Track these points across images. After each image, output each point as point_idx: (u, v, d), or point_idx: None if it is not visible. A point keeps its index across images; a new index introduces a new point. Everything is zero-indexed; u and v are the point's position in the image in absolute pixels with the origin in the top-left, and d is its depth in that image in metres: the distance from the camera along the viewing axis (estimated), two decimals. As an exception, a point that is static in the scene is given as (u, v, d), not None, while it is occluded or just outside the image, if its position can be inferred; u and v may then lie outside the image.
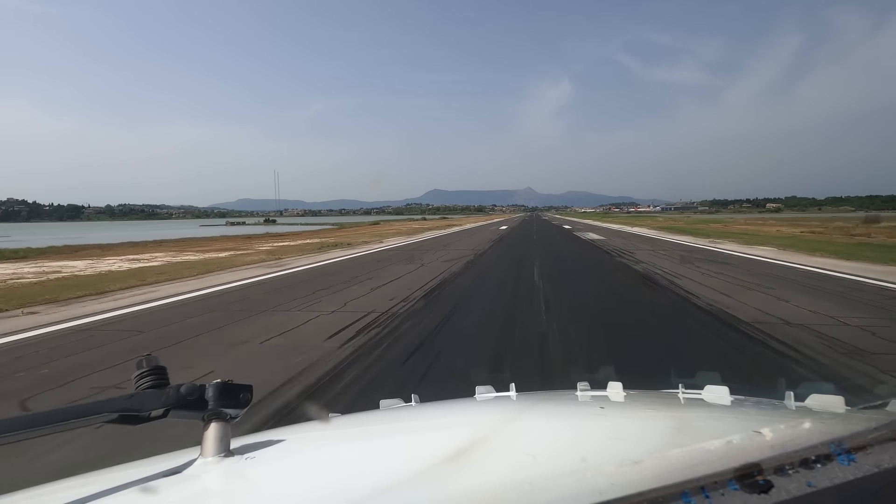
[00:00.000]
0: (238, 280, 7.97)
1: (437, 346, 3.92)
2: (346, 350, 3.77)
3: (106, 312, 5.38)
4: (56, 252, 15.85)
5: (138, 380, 0.61)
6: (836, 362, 3.36)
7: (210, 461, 0.62)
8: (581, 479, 0.50)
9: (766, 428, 0.55)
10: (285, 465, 0.64)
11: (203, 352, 3.87)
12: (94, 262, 12.10)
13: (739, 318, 4.73)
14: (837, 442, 0.50)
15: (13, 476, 1.92)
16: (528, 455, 0.57)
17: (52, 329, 4.63)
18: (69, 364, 3.55)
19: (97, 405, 0.56)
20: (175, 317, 5.15)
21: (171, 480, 0.59)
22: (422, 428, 0.83)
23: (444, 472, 0.55)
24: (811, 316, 4.79)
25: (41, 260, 12.94)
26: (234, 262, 10.94)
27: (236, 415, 0.64)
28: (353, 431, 0.85)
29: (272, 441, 0.71)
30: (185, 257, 13.06)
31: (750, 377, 3.14)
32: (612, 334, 4.43)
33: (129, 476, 0.61)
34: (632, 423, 0.75)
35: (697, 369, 2.17)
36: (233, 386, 0.62)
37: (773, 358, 3.51)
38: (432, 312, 5.19)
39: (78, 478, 0.67)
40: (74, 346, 4.03)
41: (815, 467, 0.48)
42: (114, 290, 7.01)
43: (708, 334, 4.23)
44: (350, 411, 0.98)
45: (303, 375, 3.20)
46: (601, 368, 3.07)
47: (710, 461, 0.49)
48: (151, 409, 0.58)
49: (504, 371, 3.36)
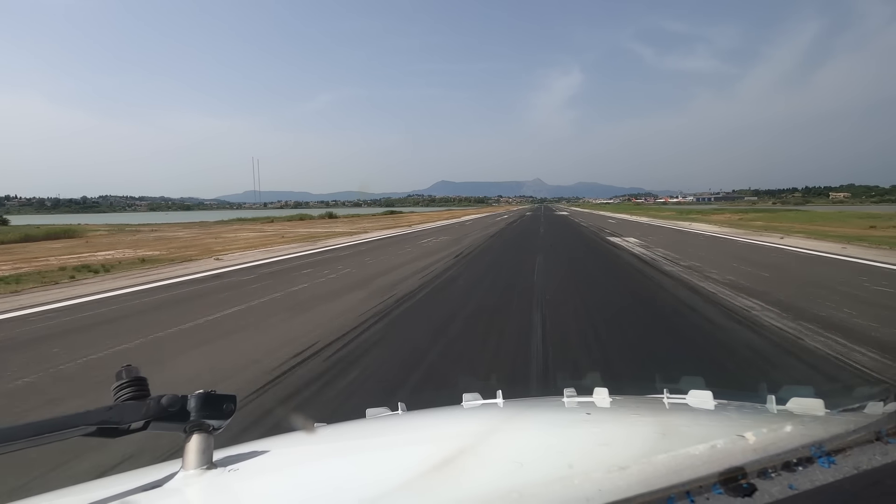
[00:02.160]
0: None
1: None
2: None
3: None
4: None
5: (117, 391, 0.60)
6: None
7: (192, 474, 0.60)
8: (569, 486, 0.50)
9: (750, 432, 0.55)
10: (269, 478, 0.63)
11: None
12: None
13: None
14: (818, 445, 0.51)
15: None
16: (516, 462, 0.57)
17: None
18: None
19: (74, 418, 0.54)
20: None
21: (151, 495, 0.58)
22: (408, 437, 0.83)
23: (432, 481, 0.54)
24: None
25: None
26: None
27: (219, 426, 0.62)
28: (339, 441, 0.84)
29: (256, 452, 0.69)
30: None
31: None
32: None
33: (108, 490, 0.59)
34: (618, 428, 0.76)
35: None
36: (216, 396, 0.61)
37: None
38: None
39: (55, 492, 0.64)
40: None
41: (797, 470, 0.48)
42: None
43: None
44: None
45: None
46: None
47: (696, 466, 0.49)
48: (131, 421, 0.56)
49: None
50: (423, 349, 3.73)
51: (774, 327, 4.09)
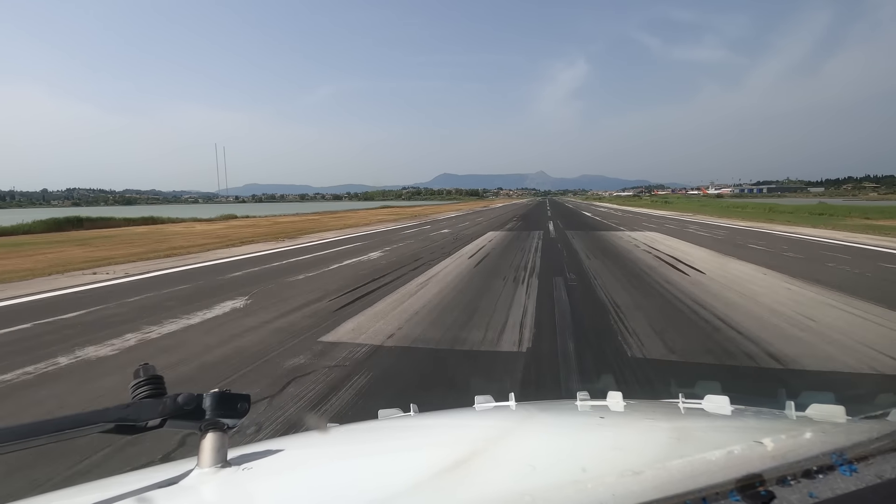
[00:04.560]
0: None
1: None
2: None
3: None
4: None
5: (135, 389, 0.61)
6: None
7: (207, 472, 0.61)
8: (581, 490, 0.49)
9: (768, 438, 0.54)
10: (283, 477, 0.64)
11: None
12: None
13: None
14: (839, 452, 0.50)
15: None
16: (528, 465, 0.57)
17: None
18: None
19: (93, 415, 0.55)
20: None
21: (167, 491, 0.59)
22: (421, 438, 0.83)
23: (444, 482, 0.54)
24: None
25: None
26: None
27: (234, 424, 0.63)
28: (352, 442, 0.84)
29: (270, 451, 0.70)
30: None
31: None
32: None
33: (125, 486, 0.60)
34: (632, 433, 0.75)
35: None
36: (231, 396, 0.62)
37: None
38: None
39: (74, 488, 0.66)
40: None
41: (817, 478, 0.47)
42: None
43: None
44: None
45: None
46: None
47: (712, 472, 0.48)
48: (148, 419, 0.57)
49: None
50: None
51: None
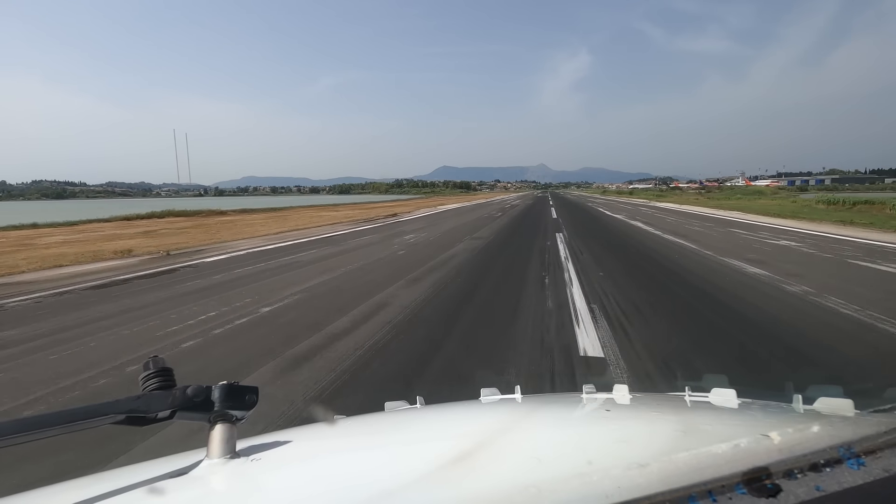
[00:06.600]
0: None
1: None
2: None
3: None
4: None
5: (145, 381, 0.62)
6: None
7: (216, 462, 0.62)
8: (587, 482, 0.49)
9: (774, 431, 0.54)
10: (291, 468, 0.65)
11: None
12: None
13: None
14: (847, 446, 0.50)
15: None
16: (534, 458, 0.57)
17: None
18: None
19: (104, 406, 0.56)
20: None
21: (177, 482, 0.60)
22: (427, 430, 0.83)
23: (450, 474, 0.55)
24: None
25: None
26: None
27: (242, 416, 0.64)
28: (359, 433, 0.85)
29: (278, 443, 0.71)
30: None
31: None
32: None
33: (135, 477, 0.61)
34: (638, 425, 0.75)
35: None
36: (239, 388, 0.63)
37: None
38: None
39: (84, 478, 0.67)
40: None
41: (824, 471, 0.47)
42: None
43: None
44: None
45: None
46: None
47: (718, 465, 0.48)
48: (158, 410, 0.58)
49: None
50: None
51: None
